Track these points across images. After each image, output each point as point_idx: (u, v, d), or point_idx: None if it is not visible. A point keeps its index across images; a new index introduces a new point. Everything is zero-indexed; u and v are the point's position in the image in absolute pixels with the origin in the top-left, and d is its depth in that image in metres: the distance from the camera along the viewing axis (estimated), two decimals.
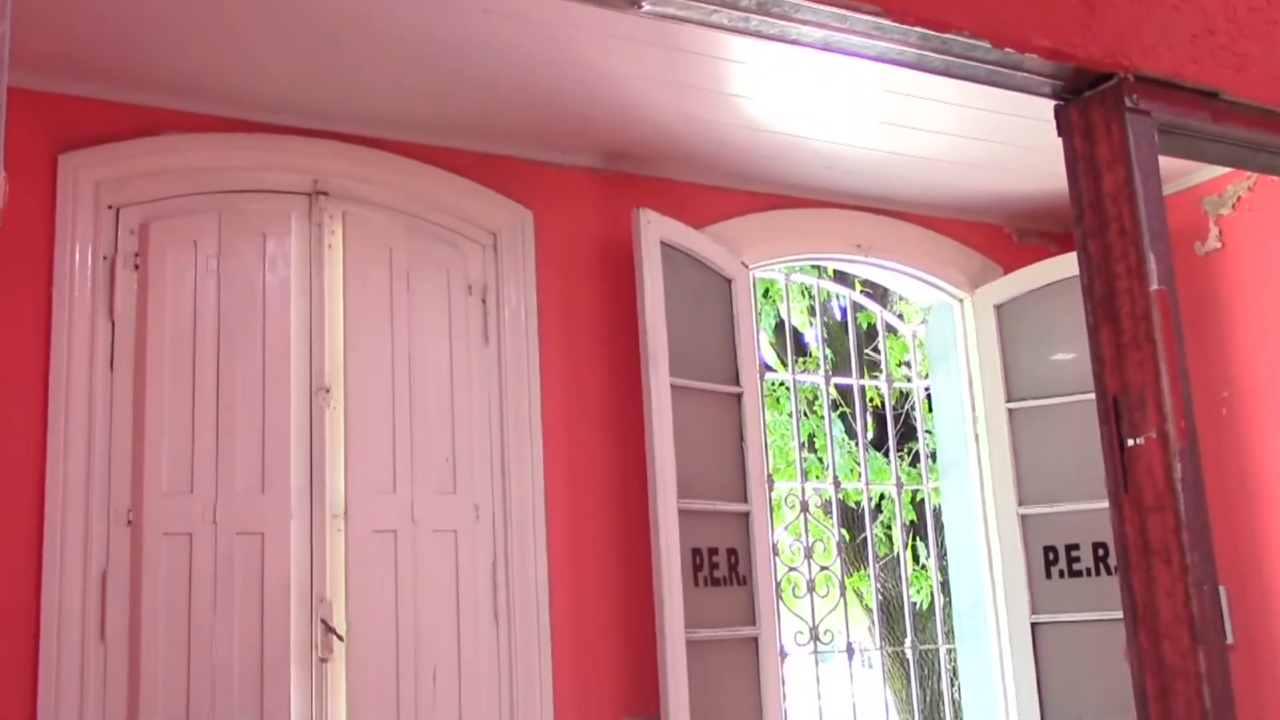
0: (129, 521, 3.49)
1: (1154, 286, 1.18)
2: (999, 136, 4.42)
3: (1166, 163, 1.69)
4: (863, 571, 7.45)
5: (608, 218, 4.40)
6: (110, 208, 3.64)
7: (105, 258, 3.60)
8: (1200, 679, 1.13)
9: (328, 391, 3.80)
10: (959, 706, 5.12)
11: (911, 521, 7.24)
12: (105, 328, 3.56)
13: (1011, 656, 4.87)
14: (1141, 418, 1.19)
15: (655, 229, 4.20)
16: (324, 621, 3.66)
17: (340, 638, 3.67)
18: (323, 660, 3.64)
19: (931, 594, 6.72)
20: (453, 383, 4.02)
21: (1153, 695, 1.15)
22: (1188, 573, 1.14)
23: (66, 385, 3.47)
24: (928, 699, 6.84)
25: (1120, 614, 4.61)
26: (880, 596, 6.95)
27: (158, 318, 3.61)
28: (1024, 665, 4.84)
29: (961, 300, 5.19)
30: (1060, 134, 1.86)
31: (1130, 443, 1.20)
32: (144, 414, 3.55)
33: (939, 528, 5.38)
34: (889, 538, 7.74)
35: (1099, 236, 1.23)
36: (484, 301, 4.16)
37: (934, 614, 6.34)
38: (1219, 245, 4.87)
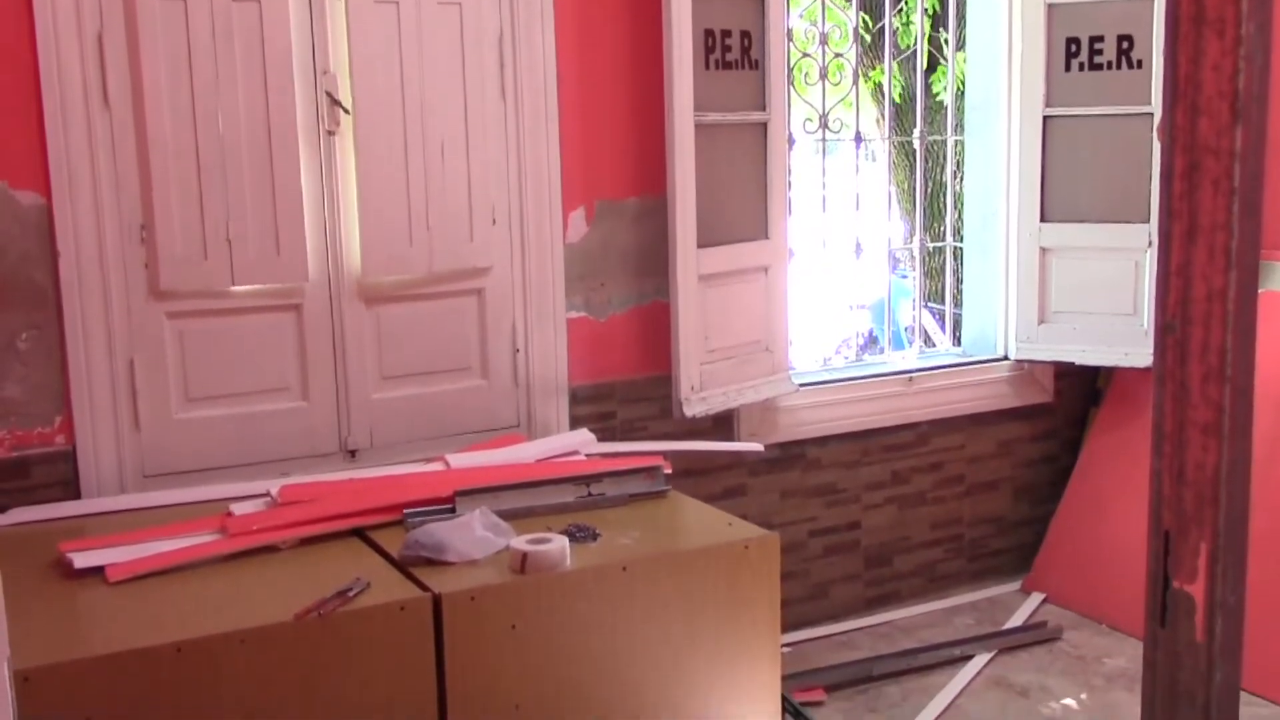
0: None
1: None
2: None
3: None
4: (879, 67, 7.31)
5: None
6: None
7: None
8: (1234, 157, 1.09)
9: None
10: (960, 197, 5.19)
11: (933, 10, 7.00)
12: None
13: (1020, 148, 4.87)
14: None
15: None
16: (329, 94, 3.61)
17: (346, 111, 3.63)
18: (330, 133, 3.63)
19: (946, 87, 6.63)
20: None
21: (1180, 172, 1.12)
22: (1240, 45, 1.07)
23: None
24: (930, 190, 6.94)
25: (1133, 109, 4.57)
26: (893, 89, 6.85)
27: None
28: (1030, 157, 4.85)
29: None
30: None
31: None
32: None
33: (960, 17, 5.19)
34: (909, 28, 7.52)
35: None
36: None
37: (944, 107, 6.28)
38: None
